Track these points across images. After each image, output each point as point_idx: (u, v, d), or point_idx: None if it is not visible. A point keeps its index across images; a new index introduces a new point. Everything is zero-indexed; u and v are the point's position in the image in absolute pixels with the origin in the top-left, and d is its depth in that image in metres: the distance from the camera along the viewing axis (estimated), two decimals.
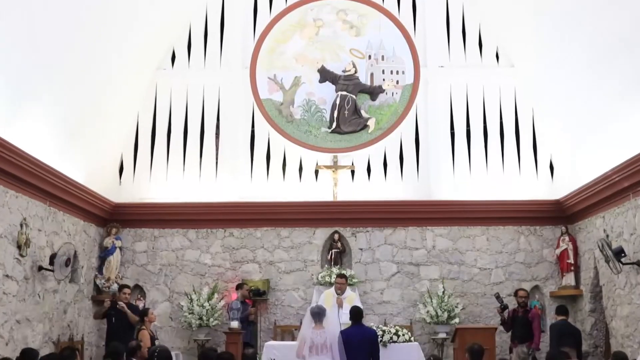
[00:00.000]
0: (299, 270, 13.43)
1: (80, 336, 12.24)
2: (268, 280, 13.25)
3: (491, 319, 12.94)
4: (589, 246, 12.41)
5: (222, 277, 13.36)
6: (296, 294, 13.34)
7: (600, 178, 11.19)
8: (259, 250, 13.50)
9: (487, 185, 13.57)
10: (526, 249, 13.41)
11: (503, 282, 13.26)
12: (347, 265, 13.40)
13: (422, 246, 13.47)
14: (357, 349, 9.40)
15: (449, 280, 13.22)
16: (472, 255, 13.42)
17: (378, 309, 13.21)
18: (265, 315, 13.17)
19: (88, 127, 11.88)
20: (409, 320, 13.09)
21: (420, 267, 13.40)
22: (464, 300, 13.11)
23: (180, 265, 13.49)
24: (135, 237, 13.62)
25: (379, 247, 13.49)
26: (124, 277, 13.33)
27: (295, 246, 13.50)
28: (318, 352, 9.44)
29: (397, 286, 13.34)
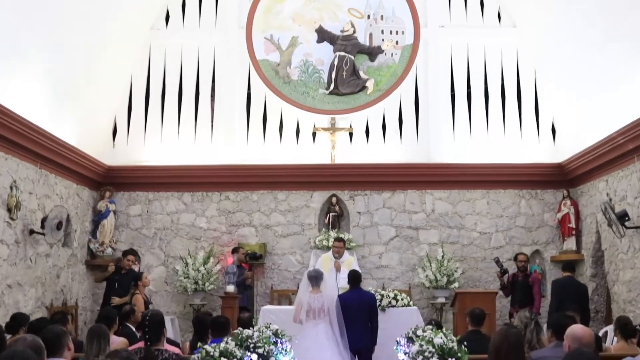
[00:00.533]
0: (296, 234, 13.23)
1: (74, 301, 12.07)
2: (264, 244, 13.05)
3: (491, 284, 12.80)
4: (591, 210, 12.22)
5: (217, 241, 13.16)
6: (293, 258, 13.16)
7: (604, 140, 10.96)
8: (256, 213, 13.29)
9: (487, 148, 13.32)
10: (527, 213, 13.21)
11: (503, 247, 13.08)
12: (345, 229, 13.20)
13: (422, 210, 13.26)
14: (355, 313, 9.24)
15: (449, 245, 13.04)
16: (472, 219, 13.22)
17: (376, 273, 13.04)
18: (261, 279, 13.00)
19: (80, 89, 11.59)
20: (408, 284, 12.94)
21: (420, 231, 13.21)
22: (464, 265, 12.95)
23: (176, 229, 13.28)
24: (129, 201, 13.38)
25: (377, 211, 13.28)
26: (118, 241, 13.14)
27: (292, 209, 13.28)
28: (315, 316, 9.27)
29: (395, 250, 13.16)
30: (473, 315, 7.71)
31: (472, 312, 7.76)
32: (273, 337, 7.11)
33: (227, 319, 7.16)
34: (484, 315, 7.87)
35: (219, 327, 6.90)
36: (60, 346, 4.97)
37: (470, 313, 7.76)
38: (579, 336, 4.97)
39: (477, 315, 7.70)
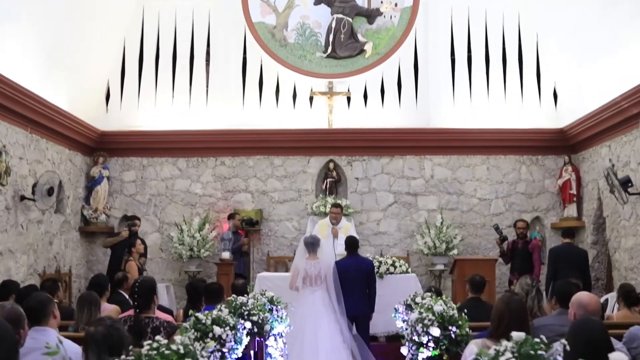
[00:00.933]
0: (293, 200, 13.03)
1: (68, 268, 11.89)
2: (261, 210, 12.85)
3: (490, 251, 12.65)
4: (592, 176, 12.02)
5: (213, 207, 12.96)
6: (290, 224, 12.97)
7: (608, 105, 10.72)
8: (252, 179, 13.06)
9: (488, 113, 13.05)
10: (527, 179, 13.01)
11: (503, 213, 12.90)
12: (342, 195, 13.00)
13: (420, 176, 13.04)
14: (353, 280, 9.09)
15: (448, 211, 12.85)
16: (471, 185, 13.02)
17: (374, 239, 12.87)
18: (257, 246, 12.83)
19: (72, 52, 11.29)
20: (406, 251, 12.77)
21: (418, 197, 13.01)
22: (463, 232, 12.77)
23: (170, 195, 13.07)
24: (123, 167, 13.15)
25: (375, 177, 13.06)
26: (112, 207, 12.94)
27: (288, 175, 13.06)
28: (312, 283, 9.13)
29: (393, 217, 12.97)
30: (473, 283, 7.54)
31: (472, 279, 7.59)
32: (268, 304, 6.92)
33: (220, 285, 6.99)
34: (485, 282, 7.71)
35: (212, 294, 6.73)
36: (45, 314, 4.77)
37: (470, 280, 7.60)
38: (584, 303, 4.79)
39: (478, 283, 7.54)
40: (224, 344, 4.98)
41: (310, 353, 8.79)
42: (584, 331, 3.76)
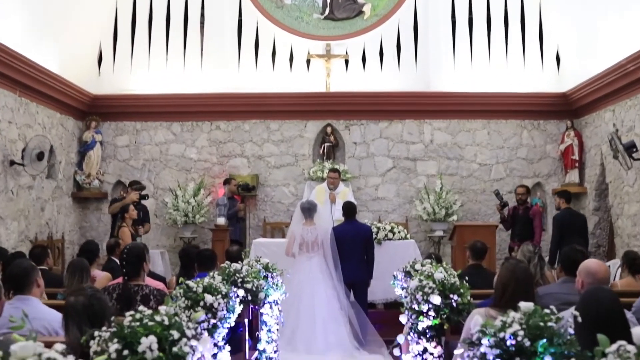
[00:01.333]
0: (290, 165, 12.78)
1: (60, 234, 11.69)
2: (257, 176, 12.61)
3: (490, 217, 12.46)
4: (595, 142, 11.77)
5: (208, 172, 12.71)
6: (286, 189, 12.74)
7: (612, 68, 10.42)
8: (247, 144, 12.80)
9: (489, 76, 12.74)
10: (529, 144, 12.76)
11: (504, 179, 12.67)
12: (340, 159, 12.76)
13: (420, 140, 12.79)
14: (350, 246, 8.91)
15: (447, 176, 12.62)
16: (471, 150, 12.76)
17: (372, 205, 12.66)
18: (254, 211, 12.62)
19: (62, 14, 10.98)
20: (405, 217, 12.57)
21: (417, 162, 12.77)
22: (463, 197, 12.56)
23: (165, 160, 12.82)
24: (116, 131, 12.87)
25: (373, 141, 12.80)
26: (105, 172, 12.71)
27: (285, 140, 12.80)
28: (308, 249, 8.94)
29: (392, 182, 12.74)
30: (474, 249, 7.33)
31: (473, 245, 7.38)
32: (263, 271, 6.70)
33: (213, 252, 6.78)
34: (486, 249, 7.51)
35: (205, 261, 6.52)
36: (29, 282, 4.57)
37: (471, 247, 7.39)
38: (593, 271, 4.58)
39: (479, 249, 7.33)
40: (216, 313, 4.76)
41: (306, 320, 8.64)
42: (595, 300, 3.55)
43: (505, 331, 3.07)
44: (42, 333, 4.49)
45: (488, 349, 3.04)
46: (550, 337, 3.06)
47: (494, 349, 3.04)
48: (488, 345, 3.06)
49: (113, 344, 2.98)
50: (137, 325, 3.05)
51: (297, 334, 8.55)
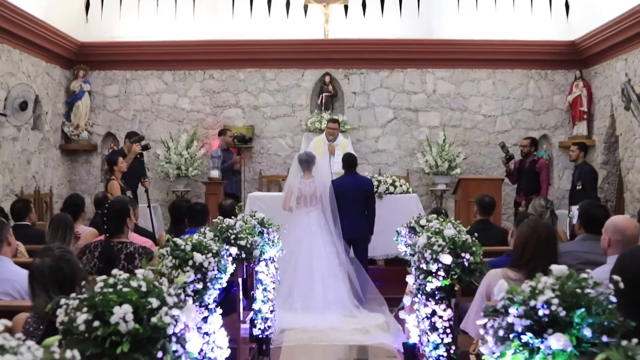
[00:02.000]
0: (286, 115, 12.28)
1: (48, 188, 11.24)
2: (252, 127, 12.12)
3: (494, 170, 12.04)
4: (605, 92, 11.28)
5: (201, 124, 12.22)
6: (283, 141, 12.26)
7: (626, 14, 9.87)
8: (242, 93, 12.27)
9: (495, 23, 12.13)
10: (535, 95, 12.24)
11: (509, 131, 12.20)
12: (339, 110, 12.26)
13: (422, 90, 12.27)
14: (350, 200, 8.50)
15: (450, 128, 12.14)
16: (476, 100, 12.26)
17: (372, 158, 12.20)
18: (249, 164, 12.16)
19: None
20: (406, 170, 12.13)
21: (419, 113, 12.27)
22: (466, 150, 12.10)
23: (156, 110, 12.30)
24: (105, 81, 12.32)
25: (374, 91, 12.27)
26: (94, 124, 12.21)
27: (282, 89, 12.27)
28: (306, 203, 8.54)
29: (393, 133, 12.26)
30: (482, 204, 6.90)
31: (481, 199, 6.95)
32: (258, 226, 6.28)
33: (204, 206, 6.33)
34: (495, 203, 7.08)
35: (196, 216, 6.08)
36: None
37: (479, 201, 6.95)
38: (621, 228, 4.15)
39: (487, 204, 6.90)
40: (206, 274, 4.34)
41: (304, 277, 8.30)
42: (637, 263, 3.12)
43: (537, 299, 2.64)
44: (13, 296, 4.09)
45: (516, 319, 2.62)
46: (588, 306, 2.63)
47: (523, 319, 2.61)
48: (516, 315, 2.63)
49: (82, 313, 2.55)
50: (110, 292, 2.62)
51: (295, 291, 8.22)
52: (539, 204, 7.03)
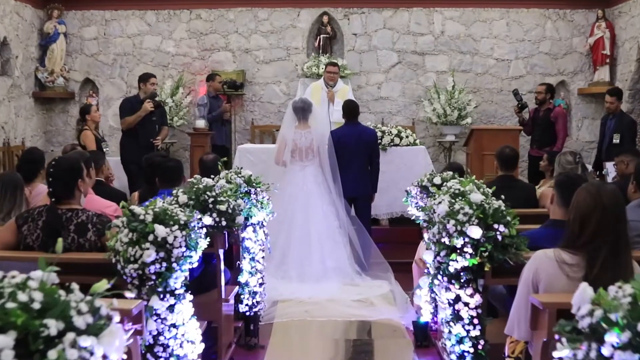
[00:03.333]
0: (281, 59, 11.22)
1: (20, 140, 10.27)
2: (243, 72, 11.09)
3: (507, 120, 11.11)
4: (631, 34, 10.28)
5: (188, 69, 11.19)
6: (277, 87, 11.23)
7: None
8: (232, 35, 11.20)
9: None
10: (553, 37, 11.19)
11: (524, 77, 11.19)
12: (338, 54, 11.24)
13: (429, 31, 11.20)
14: (352, 152, 7.56)
15: (460, 73, 11.12)
16: (488, 43, 11.21)
17: (374, 106, 11.21)
18: (240, 113, 11.18)
19: None
20: (411, 119, 11.16)
21: (426, 57, 11.22)
22: (477, 97, 11.11)
23: (138, 54, 11.26)
24: (82, 21, 11.25)
25: (376, 32, 11.20)
26: (71, 69, 11.20)
27: (275, 31, 11.19)
28: (302, 157, 7.59)
29: (397, 79, 11.23)
30: (503, 157, 5.96)
31: (502, 152, 6.00)
32: (245, 185, 5.33)
33: (177, 163, 5.33)
34: (517, 155, 6.17)
35: (167, 174, 5.10)
36: None
37: (500, 154, 6.01)
38: None
39: (509, 157, 5.96)
40: (171, 251, 3.42)
41: (300, 241, 7.41)
42: None
43: None
44: None
45: (618, 352, 1.69)
46: None
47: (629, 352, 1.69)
48: (617, 346, 1.70)
49: None
50: None
51: (289, 257, 7.34)
52: (566, 160, 6.09)
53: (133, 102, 8.73)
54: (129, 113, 8.60)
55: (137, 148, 8.45)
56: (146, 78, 8.83)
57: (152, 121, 8.60)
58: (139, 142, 8.55)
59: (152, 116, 8.57)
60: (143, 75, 8.95)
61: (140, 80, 8.90)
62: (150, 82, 8.77)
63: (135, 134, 8.58)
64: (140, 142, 8.55)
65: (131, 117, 8.54)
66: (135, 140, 8.57)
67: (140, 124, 8.55)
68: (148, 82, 8.75)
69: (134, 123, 8.55)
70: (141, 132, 8.57)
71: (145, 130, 8.58)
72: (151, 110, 8.50)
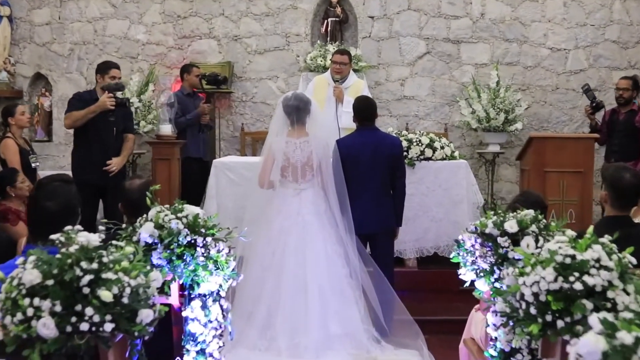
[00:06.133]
0: (278, 49, 9.03)
1: None
2: (231, 65, 8.88)
3: (564, 126, 8.92)
4: None
5: (162, 60, 9.04)
6: (274, 84, 9.01)
7: None
8: (218, 19, 9.03)
9: None
10: (622, 21, 8.96)
11: (585, 70, 8.97)
12: (350, 42, 9.07)
13: (465, 13, 8.98)
14: (368, 170, 5.46)
15: (504, 67, 8.89)
16: (540, 28, 8.98)
17: (397, 108, 9.01)
18: (227, 116, 9.00)
19: None
20: (443, 125, 8.95)
21: (462, 46, 8.98)
22: (526, 97, 8.85)
23: (101, 43, 9.15)
24: (32, 3, 9.24)
25: (399, 15, 8.99)
26: (17, 61, 9.25)
27: (272, 13, 9.02)
28: (297, 176, 5.43)
29: (426, 74, 9.01)
30: (621, 186, 3.69)
31: (617, 177, 3.72)
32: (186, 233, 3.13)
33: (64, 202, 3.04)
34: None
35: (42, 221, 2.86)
36: None
37: (614, 180, 3.72)
38: None
39: (630, 186, 3.65)
40: None
41: (293, 294, 5.29)
42: None
43: None
44: None
45: None
46: None
47: None
48: None
49: None
50: None
51: (276, 319, 5.25)
52: None
53: (87, 98, 6.52)
54: (76, 109, 6.38)
55: (88, 165, 6.31)
56: (105, 69, 6.60)
57: (109, 124, 6.36)
58: (92, 156, 6.37)
59: (109, 115, 6.32)
60: (102, 65, 6.72)
61: (98, 71, 6.68)
62: (111, 74, 6.52)
63: (87, 143, 6.38)
64: (94, 156, 6.37)
65: (80, 112, 6.30)
66: (87, 154, 6.39)
67: (93, 128, 6.33)
68: (107, 74, 6.52)
69: (82, 120, 6.31)
70: (94, 139, 6.37)
71: (100, 137, 6.38)
72: (111, 107, 6.26)
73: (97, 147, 6.37)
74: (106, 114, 6.29)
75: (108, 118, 6.32)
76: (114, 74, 6.51)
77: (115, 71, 6.55)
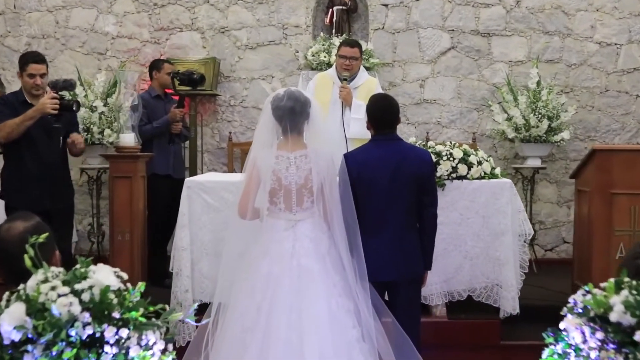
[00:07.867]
0: (274, 43, 7.65)
1: None
2: (216, 62, 7.50)
3: (615, 135, 7.63)
4: None
5: (135, 57, 7.72)
6: (268, 85, 7.62)
7: None
8: (202, 7, 7.67)
9: None
10: None
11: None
12: (360, 36, 7.71)
13: (498, 1, 7.64)
14: (386, 195, 4.02)
15: (544, 64, 7.54)
16: (586, 18, 7.63)
17: (415, 113, 7.64)
18: (212, 123, 7.62)
19: None
20: (471, 134, 7.56)
21: (493, 40, 7.61)
22: (570, 101, 7.48)
23: (63, 36, 7.79)
24: None
25: (418, 3, 7.64)
26: None
27: (266, 0, 7.65)
28: (291, 203, 4.09)
29: (450, 73, 7.65)
30: None
31: None
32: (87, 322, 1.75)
33: None
34: None
35: None
36: None
37: None
38: None
39: None
40: None
41: None
42: None
43: None
44: None
45: None
46: None
47: None
48: None
49: None
50: None
51: None
52: None
53: (12, 101, 5.11)
54: (7, 117, 4.98)
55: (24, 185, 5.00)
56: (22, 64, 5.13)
57: (51, 132, 4.98)
58: (29, 174, 5.00)
59: (53, 121, 4.94)
60: (20, 58, 5.26)
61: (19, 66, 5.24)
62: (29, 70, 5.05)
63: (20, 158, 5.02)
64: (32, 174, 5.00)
65: (14, 120, 4.94)
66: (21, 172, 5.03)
67: (25, 137, 4.96)
68: (25, 70, 5.09)
69: (18, 130, 4.95)
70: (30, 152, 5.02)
71: (37, 149, 5.01)
72: (52, 111, 4.87)
73: (35, 162, 4.99)
74: (47, 119, 4.91)
75: (51, 125, 4.93)
76: (32, 71, 5.05)
77: (35, 66, 5.05)
